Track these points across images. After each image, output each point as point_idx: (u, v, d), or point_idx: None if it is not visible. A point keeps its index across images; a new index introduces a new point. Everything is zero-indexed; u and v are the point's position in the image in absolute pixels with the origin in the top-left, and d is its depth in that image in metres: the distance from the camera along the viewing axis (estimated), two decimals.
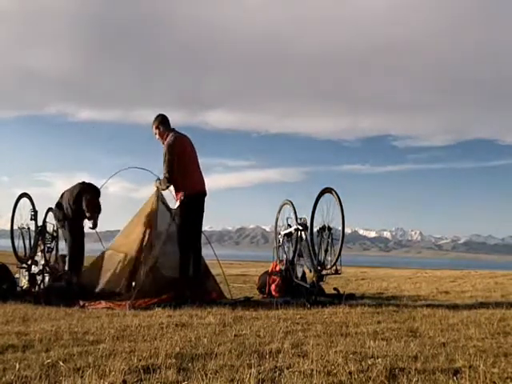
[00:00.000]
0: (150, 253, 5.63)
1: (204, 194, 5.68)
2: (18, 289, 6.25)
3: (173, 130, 5.68)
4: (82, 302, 5.12)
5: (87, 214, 6.64)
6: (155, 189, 5.88)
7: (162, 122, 5.68)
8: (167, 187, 5.68)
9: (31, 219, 6.84)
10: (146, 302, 5.03)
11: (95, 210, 6.77)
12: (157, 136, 5.71)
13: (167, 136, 5.60)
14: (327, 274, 5.62)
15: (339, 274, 5.53)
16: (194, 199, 5.55)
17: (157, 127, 5.67)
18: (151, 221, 5.84)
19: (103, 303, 5.06)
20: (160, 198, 5.98)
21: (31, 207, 6.88)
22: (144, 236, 5.78)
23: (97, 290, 5.77)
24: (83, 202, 6.60)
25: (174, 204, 5.76)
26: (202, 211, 5.68)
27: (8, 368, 2.40)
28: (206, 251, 6.05)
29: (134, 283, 5.48)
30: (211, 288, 5.88)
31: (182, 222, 5.54)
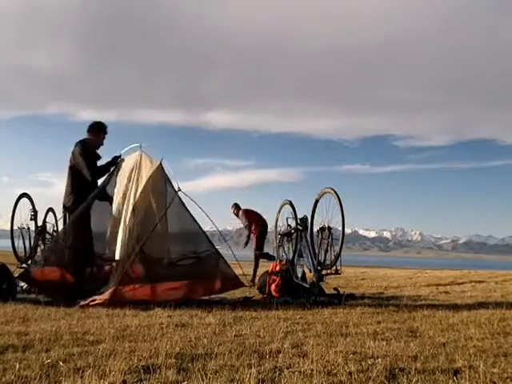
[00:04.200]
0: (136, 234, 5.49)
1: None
2: (18, 289, 6.23)
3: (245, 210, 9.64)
4: (82, 303, 5.10)
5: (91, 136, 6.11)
6: None
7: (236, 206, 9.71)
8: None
9: (31, 219, 6.85)
10: (134, 288, 5.01)
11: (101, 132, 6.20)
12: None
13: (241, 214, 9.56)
14: (327, 274, 5.63)
15: (339, 274, 5.54)
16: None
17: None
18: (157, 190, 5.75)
19: (97, 299, 4.98)
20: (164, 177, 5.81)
21: (31, 207, 6.88)
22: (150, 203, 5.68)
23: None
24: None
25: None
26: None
27: (8, 368, 2.40)
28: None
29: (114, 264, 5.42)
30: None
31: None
